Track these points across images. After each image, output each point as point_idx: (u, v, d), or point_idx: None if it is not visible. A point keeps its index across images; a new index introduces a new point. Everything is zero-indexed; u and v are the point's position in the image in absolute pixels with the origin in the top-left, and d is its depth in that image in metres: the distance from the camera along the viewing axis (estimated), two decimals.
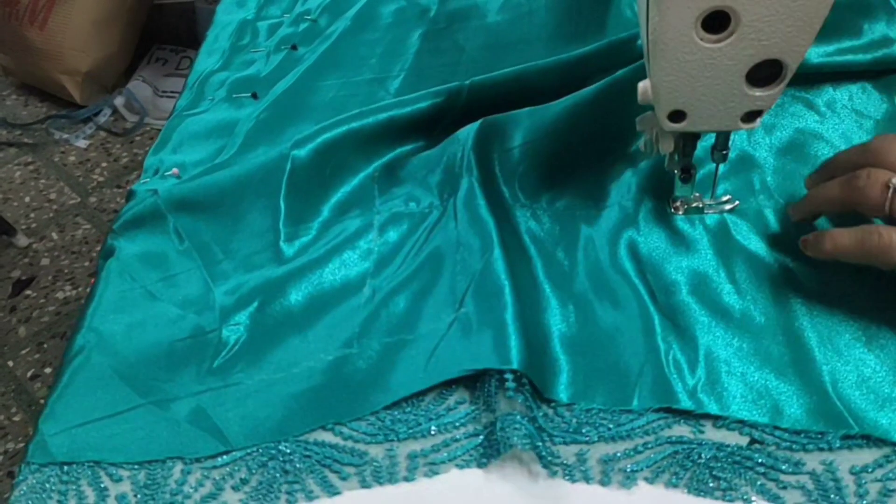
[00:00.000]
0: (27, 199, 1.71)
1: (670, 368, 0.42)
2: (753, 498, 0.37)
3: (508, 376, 0.41)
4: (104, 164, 1.78)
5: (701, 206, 0.49)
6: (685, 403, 0.40)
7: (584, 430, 0.41)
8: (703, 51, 0.38)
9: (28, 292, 1.52)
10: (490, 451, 0.40)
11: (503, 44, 0.66)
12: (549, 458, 0.40)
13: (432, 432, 0.42)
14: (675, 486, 0.38)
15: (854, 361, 0.42)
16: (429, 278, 0.48)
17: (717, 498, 0.38)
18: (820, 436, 0.39)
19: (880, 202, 0.40)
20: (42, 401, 1.32)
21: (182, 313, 0.49)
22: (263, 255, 0.52)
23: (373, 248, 0.51)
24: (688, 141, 0.46)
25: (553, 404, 0.42)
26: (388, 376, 0.44)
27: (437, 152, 0.55)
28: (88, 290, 0.52)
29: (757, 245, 0.47)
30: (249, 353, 0.47)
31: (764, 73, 0.39)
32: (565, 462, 0.40)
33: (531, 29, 0.67)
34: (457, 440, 0.41)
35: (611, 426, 0.41)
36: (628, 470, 0.39)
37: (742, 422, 0.40)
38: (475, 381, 0.43)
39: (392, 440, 0.41)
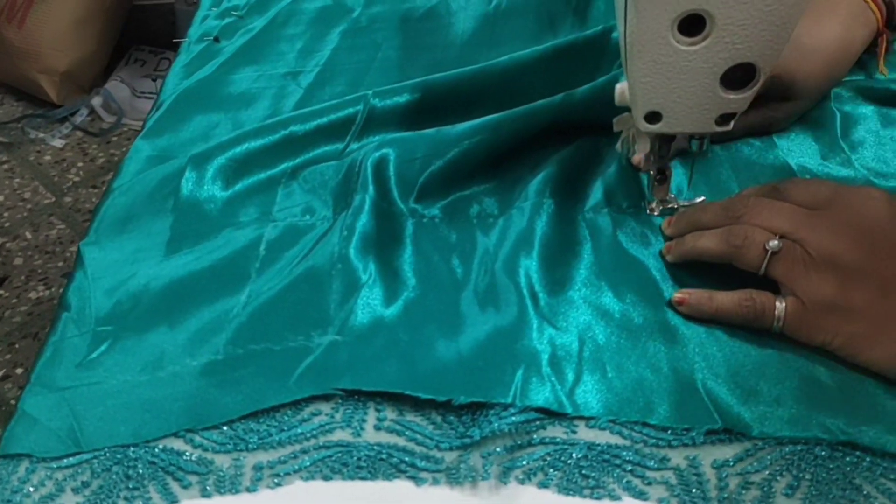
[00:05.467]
0: (1, 198, 1.69)
1: (548, 370, 0.42)
2: (620, 494, 0.38)
3: (382, 407, 0.42)
4: (80, 164, 1.76)
5: (676, 206, 0.50)
6: (564, 407, 0.41)
7: (469, 434, 0.40)
8: (678, 53, 0.39)
9: (0, 292, 1.49)
10: (344, 469, 0.40)
11: (419, 46, 0.68)
12: (433, 468, 0.39)
13: (283, 443, 0.41)
14: (547, 486, 0.39)
15: (726, 356, 0.42)
16: (305, 292, 0.48)
17: (585, 496, 0.38)
18: (685, 432, 0.39)
19: (757, 264, 0.42)
20: (13, 402, 1.30)
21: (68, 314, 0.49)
22: (147, 254, 0.51)
23: (259, 255, 0.51)
24: (662, 142, 0.47)
25: (441, 410, 0.42)
26: (249, 385, 0.43)
27: (336, 165, 0.56)
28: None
29: (637, 249, 0.48)
30: (118, 352, 0.46)
31: (738, 76, 0.40)
32: (450, 466, 0.40)
33: (448, 35, 0.69)
34: (305, 452, 0.41)
35: (492, 420, 0.41)
36: (504, 470, 0.39)
37: (614, 420, 0.40)
38: (333, 395, 0.42)
39: (241, 450, 0.41)
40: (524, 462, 0.39)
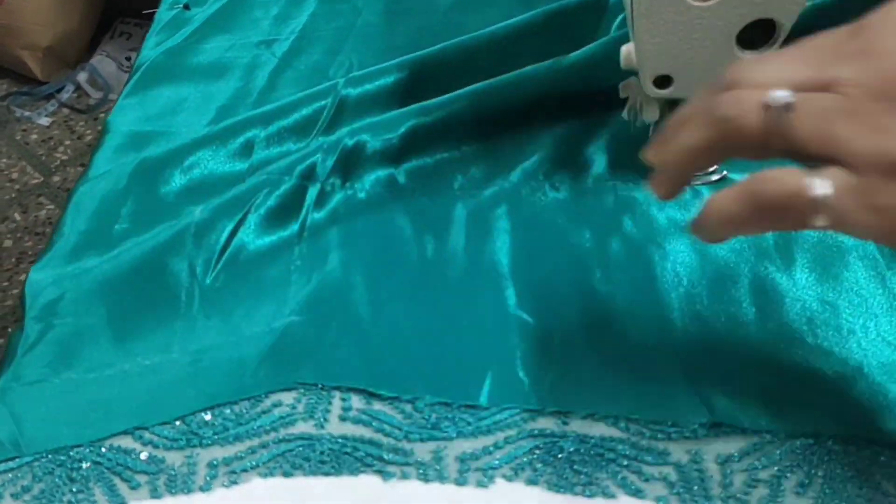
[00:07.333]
0: None
1: (521, 369, 0.40)
2: (615, 491, 0.35)
3: (348, 396, 0.39)
4: (67, 143, 1.73)
5: None
6: (537, 404, 0.38)
7: (442, 426, 0.38)
8: (691, 10, 0.36)
9: None
10: (306, 464, 0.37)
11: (402, 10, 0.64)
12: (401, 461, 0.37)
13: (240, 438, 0.38)
14: (535, 483, 0.36)
15: (715, 343, 0.40)
16: (255, 284, 0.45)
17: (577, 493, 0.35)
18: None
19: (758, 134, 0.26)
20: None
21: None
22: (93, 244, 0.48)
23: (214, 250, 0.47)
24: (674, 109, 0.44)
25: (413, 399, 0.39)
26: (204, 381, 0.41)
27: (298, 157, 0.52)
28: None
29: (637, 230, 0.45)
30: (60, 348, 0.43)
31: (756, 34, 0.37)
32: (420, 460, 0.37)
33: None
34: (264, 446, 0.38)
35: (470, 420, 0.38)
36: (486, 468, 0.37)
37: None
38: (296, 386, 0.40)
39: (195, 446, 0.38)
40: (510, 458, 0.37)
